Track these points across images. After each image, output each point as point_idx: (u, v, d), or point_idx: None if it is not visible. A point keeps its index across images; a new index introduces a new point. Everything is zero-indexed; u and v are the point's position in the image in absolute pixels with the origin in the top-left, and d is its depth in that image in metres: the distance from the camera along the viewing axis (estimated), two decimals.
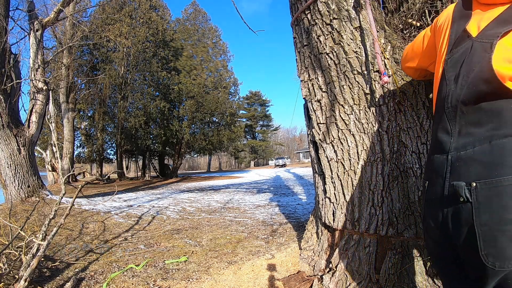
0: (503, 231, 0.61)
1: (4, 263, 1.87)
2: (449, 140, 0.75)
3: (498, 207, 0.62)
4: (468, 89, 0.70)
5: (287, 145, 65.63)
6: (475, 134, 0.69)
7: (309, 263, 2.03)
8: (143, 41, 16.06)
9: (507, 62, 0.65)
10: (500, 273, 0.63)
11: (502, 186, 0.62)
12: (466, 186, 0.66)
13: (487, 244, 0.63)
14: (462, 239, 0.70)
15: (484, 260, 0.64)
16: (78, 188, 2.21)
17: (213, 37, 21.75)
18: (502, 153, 0.63)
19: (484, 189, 0.64)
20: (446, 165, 0.74)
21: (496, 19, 0.71)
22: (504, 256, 0.62)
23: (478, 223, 0.64)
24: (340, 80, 1.65)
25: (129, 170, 23.72)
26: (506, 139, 0.64)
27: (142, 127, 16.23)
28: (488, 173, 0.64)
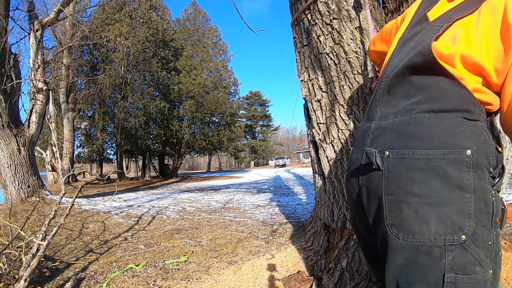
0: (409, 203, 0.61)
1: (4, 263, 1.87)
2: (376, 109, 0.75)
3: (406, 178, 0.61)
4: (404, 62, 0.70)
5: (287, 145, 65.63)
6: (399, 106, 0.69)
7: (309, 263, 2.03)
8: (143, 41, 16.06)
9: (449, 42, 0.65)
10: (404, 248, 0.62)
11: (413, 159, 0.61)
12: (379, 153, 0.65)
13: (392, 214, 0.63)
14: (372, 208, 0.69)
15: (389, 230, 0.63)
16: (78, 188, 2.21)
17: (213, 37, 21.75)
18: (419, 127, 0.62)
19: (395, 158, 0.63)
20: (368, 132, 0.73)
21: (455, 7, 0.72)
22: (407, 229, 0.61)
23: (385, 192, 0.64)
24: (340, 80, 1.65)
25: (129, 170, 23.73)
26: (427, 114, 0.63)
27: (142, 127, 16.23)
28: (402, 144, 0.63)
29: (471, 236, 0.58)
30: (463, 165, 0.58)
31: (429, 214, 0.59)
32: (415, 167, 0.61)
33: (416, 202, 0.60)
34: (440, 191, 0.59)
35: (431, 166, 0.59)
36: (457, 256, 0.58)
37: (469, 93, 0.62)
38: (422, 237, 0.59)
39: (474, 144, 0.59)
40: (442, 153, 0.59)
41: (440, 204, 0.59)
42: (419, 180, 0.60)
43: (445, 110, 0.62)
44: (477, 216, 0.59)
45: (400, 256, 0.63)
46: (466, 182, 0.58)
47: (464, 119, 0.61)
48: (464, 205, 0.58)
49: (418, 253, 0.60)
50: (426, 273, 0.60)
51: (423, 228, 0.59)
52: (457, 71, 0.64)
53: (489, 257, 0.60)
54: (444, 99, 0.63)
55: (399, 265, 0.64)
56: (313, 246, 2.11)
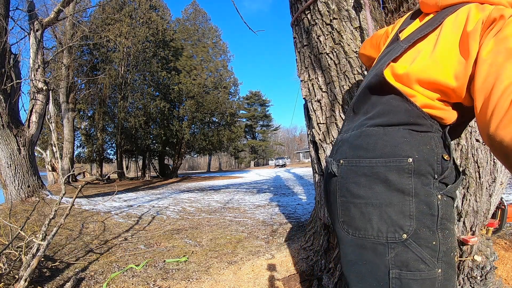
0: (355, 204, 0.69)
1: (4, 263, 1.87)
2: (345, 123, 0.85)
3: (353, 183, 0.70)
4: (366, 83, 0.78)
5: (287, 145, 65.62)
6: (358, 121, 0.77)
7: (309, 263, 2.03)
8: (143, 41, 16.06)
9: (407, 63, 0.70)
10: (353, 243, 0.70)
11: (359, 166, 0.70)
12: (336, 162, 0.76)
13: (343, 213, 0.72)
14: (332, 208, 0.78)
15: (341, 226, 0.73)
16: (78, 188, 2.21)
17: (213, 37, 21.75)
18: (366, 139, 0.71)
19: (346, 166, 0.73)
20: (336, 144, 0.83)
21: (421, 25, 0.76)
22: (354, 226, 0.69)
23: (338, 194, 0.74)
24: (340, 80, 1.65)
25: (129, 170, 23.72)
26: (375, 128, 0.71)
27: (142, 127, 16.23)
28: (352, 154, 0.72)
29: (412, 235, 0.63)
30: (404, 171, 0.65)
31: (372, 214, 0.66)
32: (361, 173, 0.69)
33: (361, 203, 0.68)
34: (382, 194, 0.66)
35: (374, 173, 0.67)
36: (399, 253, 0.63)
37: (417, 108, 0.67)
38: (366, 233, 0.67)
39: (416, 153, 0.65)
40: (384, 161, 0.66)
41: (381, 205, 0.65)
42: (363, 184, 0.68)
43: (391, 124, 0.69)
44: (419, 218, 0.64)
45: (350, 251, 0.71)
46: (407, 186, 0.64)
47: (411, 130, 0.68)
48: (404, 207, 0.64)
49: (365, 250, 0.67)
50: (373, 269, 0.66)
51: (367, 225, 0.67)
52: (408, 89, 0.69)
53: (436, 256, 0.64)
54: (391, 114, 0.69)
55: (350, 261, 0.71)
56: (313, 246, 2.11)
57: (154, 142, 18.20)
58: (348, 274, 0.72)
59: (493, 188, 1.33)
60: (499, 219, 1.42)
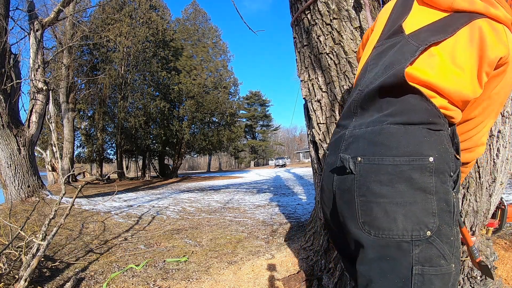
0: (378, 203, 0.67)
1: (4, 263, 1.87)
2: (352, 119, 0.82)
3: (375, 181, 0.68)
4: (379, 82, 0.75)
5: (287, 145, 65.63)
6: (372, 117, 0.75)
7: (309, 263, 2.03)
8: (143, 41, 16.06)
9: (425, 67, 0.71)
10: (375, 243, 0.68)
11: (382, 164, 0.68)
12: (352, 159, 0.72)
13: (364, 213, 0.69)
14: (344, 208, 0.75)
15: (361, 228, 0.70)
16: (78, 188, 2.21)
17: (213, 37, 21.75)
18: (388, 137, 0.69)
19: (366, 164, 0.70)
20: (342, 139, 0.80)
21: (432, 25, 0.75)
22: (377, 226, 0.67)
23: (357, 193, 0.71)
24: (340, 80, 1.65)
25: (129, 170, 23.72)
26: (395, 125, 0.70)
27: (142, 127, 16.23)
28: (373, 151, 0.70)
29: (436, 232, 0.65)
30: (426, 170, 0.66)
31: (397, 212, 0.65)
32: (384, 172, 0.67)
33: (385, 202, 0.66)
34: (405, 193, 0.65)
35: (398, 171, 0.66)
36: (423, 250, 0.64)
37: (436, 108, 0.69)
38: (391, 233, 0.66)
39: (436, 152, 0.67)
40: (407, 159, 0.66)
41: (406, 203, 0.65)
42: (386, 183, 0.67)
43: (412, 123, 0.69)
44: (440, 215, 0.65)
45: (372, 251, 0.69)
46: (428, 185, 0.65)
47: (429, 130, 0.69)
48: (427, 204, 0.65)
49: (389, 248, 0.66)
50: (396, 265, 0.66)
51: (392, 224, 0.66)
52: (429, 91, 0.70)
53: (452, 252, 0.66)
54: (412, 113, 0.69)
55: (371, 259, 0.69)
56: (313, 246, 2.11)
57: (154, 142, 18.20)
58: (366, 272, 0.71)
59: (493, 188, 1.33)
60: (499, 219, 1.42)
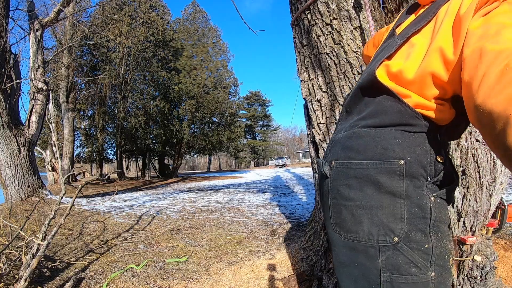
0: (346, 206, 0.68)
1: (4, 263, 1.87)
2: (339, 122, 0.84)
3: (344, 185, 0.69)
4: (359, 82, 0.76)
5: (287, 145, 65.62)
6: (350, 121, 0.76)
7: (309, 263, 2.03)
8: (143, 41, 16.06)
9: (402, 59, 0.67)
10: (345, 245, 0.69)
11: (350, 168, 0.69)
12: (328, 163, 0.75)
13: (335, 215, 0.71)
14: (325, 209, 0.77)
15: (334, 229, 0.72)
16: (78, 188, 2.21)
17: (213, 37, 21.74)
18: (357, 140, 0.70)
19: (337, 168, 0.72)
20: (330, 142, 0.82)
21: (414, 20, 0.74)
22: (346, 228, 0.68)
23: (330, 196, 0.73)
24: (340, 80, 1.65)
25: (129, 170, 23.71)
26: (366, 129, 0.69)
27: (142, 127, 16.23)
28: (344, 155, 0.71)
29: (404, 238, 0.62)
30: (395, 173, 0.64)
31: (363, 216, 0.65)
32: (351, 175, 0.68)
33: (352, 205, 0.67)
34: (372, 197, 0.65)
35: (365, 175, 0.66)
36: (390, 257, 0.63)
37: (410, 109, 0.65)
38: (357, 235, 0.66)
39: (408, 154, 0.64)
40: (374, 163, 0.66)
41: (372, 207, 0.65)
42: (354, 186, 0.67)
43: (383, 125, 0.67)
44: (411, 220, 0.63)
45: (342, 253, 0.70)
46: (398, 189, 0.63)
47: (403, 131, 0.66)
48: (396, 209, 0.63)
49: (357, 252, 0.67)
50: (365, 272, 0.65)
51: (358, 228, 0.66)
52: (402, 89, 0.66)
53: (429, 260, 0.63)
54: (383, 114, 0.68)
55: (342, 263, 0.70)
56: (313, 246, 2.11)
57: (154, 142, 18.19)
58: (340, 276, 0.72)
59: (493, 188, 1.34)
60: (499, 219, 1.42)
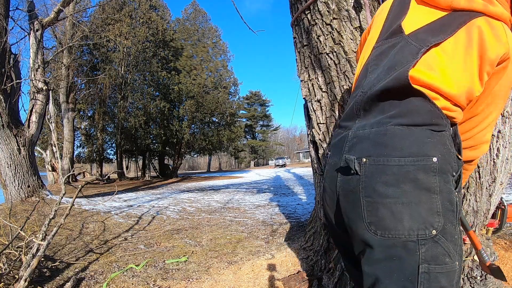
0: (384, 204, 0.68)
1: (4, 263, 1.87)
2: (355, 120, 0.82)
3: (381, 182, 0.69)
4: (382, 85, 0.75)
5: (287, 145, 65.63)
6: (376, 118, 0.76)
7: (309, 263, 2.03)
8: (143, 41, 16.06)
9: (426, 69, 0.72)
10: (382, 244, 0.68)
11: (387, 165, 0.69)
12: (357, 160, 0.73)
13: (370, 214, 0.70)
14: (349, 209, 0.76)
15: (367, 228, 0.70)
16: (78, 188, 2.21)
17: (213, 37, 21.75)
18: (393, 138, 0.70)
19: (372, 165, 0.71)
20: (346, 140, 0.81)
21: (432, 24, 0.75)
22: (384, 226, 0.68)
23: (363, 194, 0.71)
24: (340, 80, 1.65)
25: (129, 170, 23.71)
26: (399, 127, 0.71)
27: (142, 127, 16.23)
28: (378, 152, 0.71)
29: (441, 230, 0.66)
30: (430, 170, 0.67)
31: (402, 213, 0.66)
32: (389, 172, 0.68)
33: (391, 202, 0.67)
34: (411, 193, 0.66)
35: (403, 172, 0.67)
36: (429, 249, 0.65)
37: (438, 110, 0.70)
38: (397, 233, 0.66)
39: (439, 152, 0.68)
40: (412, 160, 0.67)
41: (411, 203, 0.66)
42: (392, 183, 0.68)
43: (415, 124, 0.70)
44: (445, 214, 0.67)
45: (379, 251, 0.69)
46: (433, 185, 0.67)
47: (432, 131, 0.70)
48: (432, 204, 0.66)
49: (395, 248, 0.67)
50: (403, 264, 0.66)
51: (398, 225, 0.66)
52: (432, 93, 0.71)
53: (456, 250, 0.68)
54: (415, 114, 0.70)
55: (377, 259, 0.70)
56: (313, 246, 2.11)
57: (154, 142, 18.19)
58: (373, 272, 0.71)
59: (493, 188, 1.33)
60: (499, 219, 1.42)
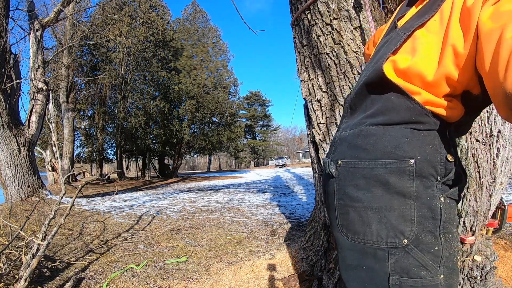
0: (354, 207, 0.66)
1: (4, 263, 1.87)
2: (343, 120, 0.80)
3: (352, 185, 0.67)
4: (364, 78, 0.72)
5: (287, 145, 65.63)
6: (356, 118, 0.73)
7: (309, 263, 2.03)
8: (143, 41, 16.06)
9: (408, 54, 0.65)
10: (352, 247, 0.66)
11: (358, 168, 0.66)
12: (334, 162, 0.72)
13: (342, 217, 0.69)
14: (330, 210, 0.75)
15: (340, 230, 0.69)
16: (78, 188, 2.21)
17: (213, 37, 21.75)
18: (366, 139, 0.66)
19: (344, 167, 0.69)
20: (333, 142, 0.79)
21: (419, 10, 0.70)
22: (353, 230, 0.66)
23: (336, 197, 0.70)
24: (340, 80, 1.65)
25: (129, 170, 23.71)
26: (374, 127, 0.66)
27: (142, 127, 16.23)
28: (351, 154, 0.68)
29: (414, 240, 0.60)
30: (405, 173, 0.61)
31: (371, 218, 0.63)
32: (360, 175, 0.66)
33: (360, 206, 0.65)
34: (381, 198, 0.63)
35: (373, 175, 0.64)
36: (399, 259, 0.61)
37: (419, 105, 0.62)
38: (365, 238, 0.64)
39: (418, 153, 0.61)
40: (384, 163, 0.63)
41: (381, 209, 0.62)
42: (362, 187, 0.65)
43: (392, 123, 0.65)
44: (421, 222, 0.61)
45: (349, 255, 0.68)
46: (408, 189, 0.61)
47: (413, 129, 0.63)
48: (405, 210, 0.61)
49: (365, 255, 0.64)
50: (373, 275, 0.63)
51: (366, 229, 0.64)
52: (411, 86, 0.64)
53: (438, 262, 0.61)
54: (392, 112, 0.65)
55: (349, 265, 0.68)
56: (313, 246, 2.11)
57: (154, 142, 18.20)
58: (347, 279, 0.69)
59: (493, 188, 1.34)
60: (499, 219, 1.42)
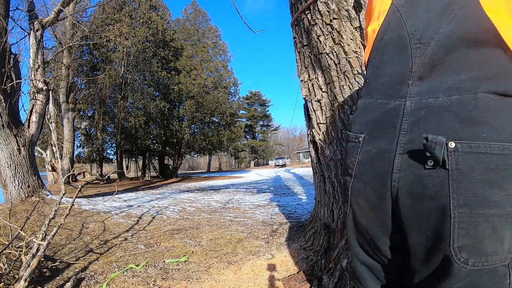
0: (487, 217, 0.44)
1: (4, 263, 1.87)
2: (406, 82, 0.55)
3: (483, 182, 0.44)
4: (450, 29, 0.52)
5: (287, 145, 65.64)
6: (450, 81, 0.51)
7: (309, 263, 2.03)
8: (143, 41, 16.07)
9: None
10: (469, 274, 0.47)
11: (491, 154, 0.44)
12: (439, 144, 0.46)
13: (464, 233, 0.45)
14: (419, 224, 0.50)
15: (455, 256, 0.46)
16: (78, 188, 2.21)
17: (213, 37, 21.75)
18: (489, 112, 0.46)
19: (467, 153, 0.45)
20: (402, 113, 0.53)
21: None
22: (481, 251, 0.46)
23: (456, 203, 0.45)
24: (340, 80, 1.65)
25: (129, 170, 23.72)
26: (492, 96, 0.47)
27: (142, 127, 16.23)
28: (472, 133, 0.45)
29: None
30: None
31: (505, 228, 0.45)
32: (493, 166, 0.44)
33: (496, 214, 0.44)
34: None
35: (508, 164, 0.44)
36: None
37: None
38: (495, 258, 0.46)
39: None
40: None
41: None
42: (498, 183, 0.44)
43: (507, 94, 0.47)
44: None
45: (458, 282, 0.49)
46: None
47: None
48: None
49: (481, 276, 0.47)
50: None
51: (498, 247, 0.45)
52: None
53: None
54: (505, 79, 0.47)
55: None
56: (313, 246, 2.11)
57: (154, 142, 18.21)
58: None
59: None
60: None
